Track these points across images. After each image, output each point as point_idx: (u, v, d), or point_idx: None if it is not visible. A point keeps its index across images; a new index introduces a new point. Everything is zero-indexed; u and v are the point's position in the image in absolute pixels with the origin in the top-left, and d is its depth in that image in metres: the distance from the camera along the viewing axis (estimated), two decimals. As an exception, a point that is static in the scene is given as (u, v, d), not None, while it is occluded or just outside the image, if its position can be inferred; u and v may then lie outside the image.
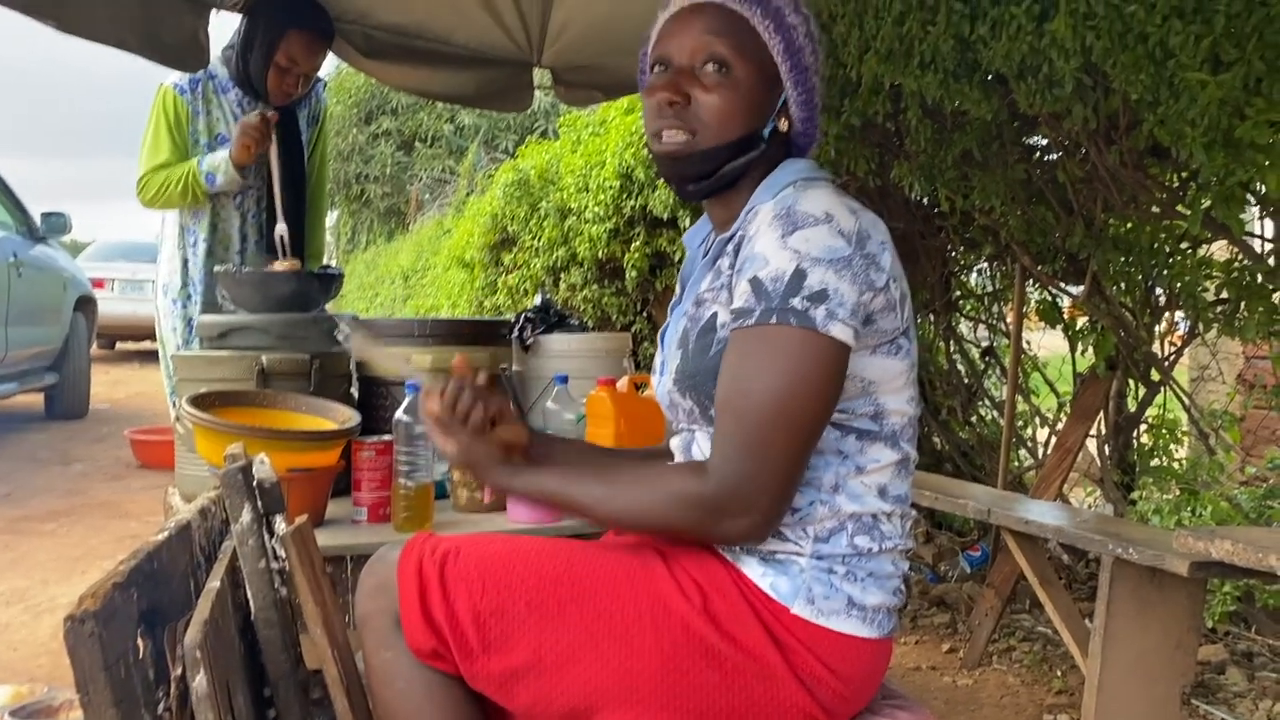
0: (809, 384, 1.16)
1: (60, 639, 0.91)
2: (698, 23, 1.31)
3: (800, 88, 1.33)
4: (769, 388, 1.16)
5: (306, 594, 1.29)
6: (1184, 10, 2.12)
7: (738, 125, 1.30)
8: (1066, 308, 3.63)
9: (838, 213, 1.20)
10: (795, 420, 1.16)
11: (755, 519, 1.18)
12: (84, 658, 0.90)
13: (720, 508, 1.17)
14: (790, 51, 1.31)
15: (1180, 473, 3.37)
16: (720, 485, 1.17)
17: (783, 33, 1.31)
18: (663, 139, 1.32)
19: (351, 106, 16.57)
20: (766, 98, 1.32)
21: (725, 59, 1.29)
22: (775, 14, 1.31)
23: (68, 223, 7.58)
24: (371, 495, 2.05)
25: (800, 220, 1.19)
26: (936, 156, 3.01)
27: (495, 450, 1.35)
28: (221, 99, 2.94)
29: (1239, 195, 2.31)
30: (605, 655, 1.21)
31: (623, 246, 5.06)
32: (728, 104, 1.29)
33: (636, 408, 2.24)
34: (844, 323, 1.16)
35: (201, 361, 2.31)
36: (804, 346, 1.15)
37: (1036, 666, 3.00)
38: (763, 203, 1.28)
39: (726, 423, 1.18)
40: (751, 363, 1.17)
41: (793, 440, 1.16)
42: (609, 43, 3.51)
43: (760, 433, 1.16)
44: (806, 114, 1.35)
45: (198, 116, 2.92)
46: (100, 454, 6.53)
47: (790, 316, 1.15)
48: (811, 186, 1.26)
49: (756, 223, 1.24)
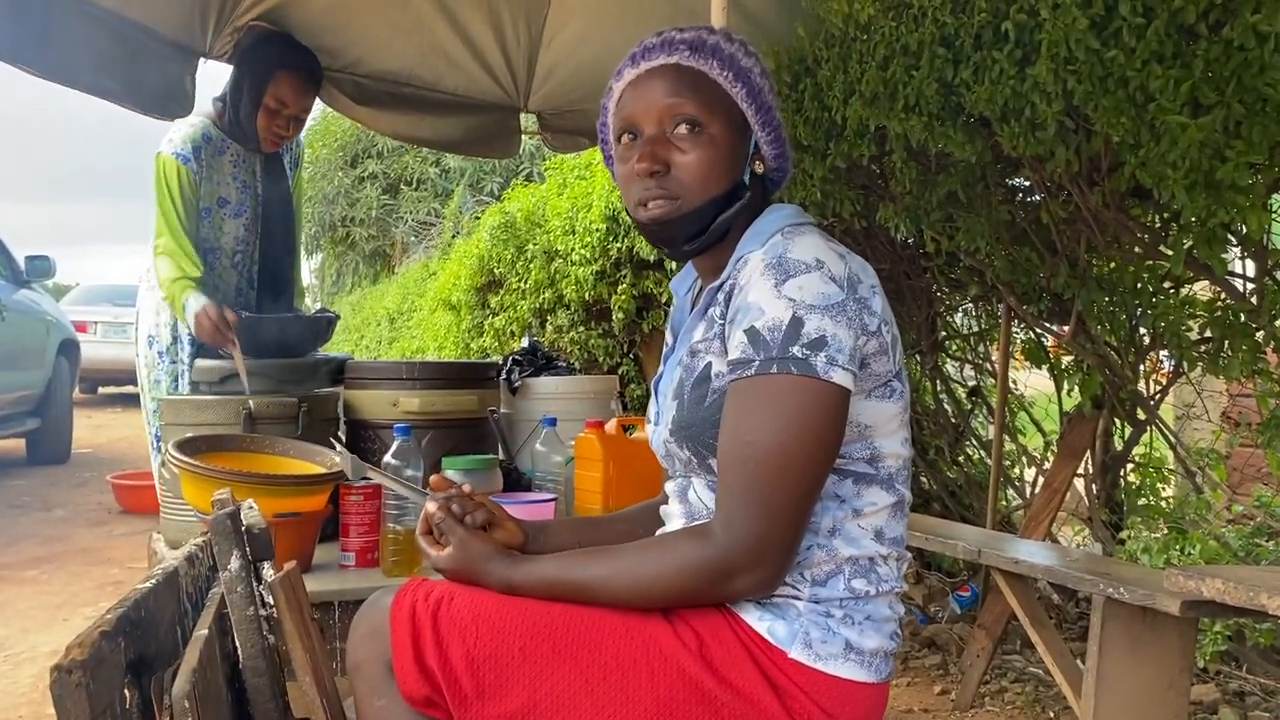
0: (813, 432, 1.15)
1: (42, 688, 0.89)
2: (659, 86, 1.31)
3: (768, 128, 1.34)
4: (774, 439, 1.15)
5: (295, 641, 1.28)
6: (1163, 55, 2.15)
7: (720, 180, 1.31)
8: (1051, 346, 3.64)
9: (828, 259, 1.21)
10: (801, 470, 1.16)
11: (765, 573, 1.17)
12: (70, 709, 0.88)
13: (730, 568, 1.16)
14: (752, 94, 1.32)
15: (1168, 511, 3.37)
16: (729, 545, 1.16)
17: (742, 79, 1.32)
18: (649, 208, 1.32)
19: (337, 150, 16.62)
20: (740, 146, 1.33)
21: (695, 118, 1.29)
22: (730, 61, 1.32)
23: (52, 267, 7.56)
24: (360, 540, 2.04)
25: (792, 268, 1.19)
26: (921, 198, 3.03)
27: (492, 547, 1.32)
28: (219, 160, 2.95)
29: (1220, 236, 2.33)
30: (601, 701, 1.20)
31: (609, 289, 5.07)
32: (707, 162, 1.29)
33: (625, 449, 2.24)
34: (844, 368, 1.16)
35: (188, 406, 2.30)
36: (806, 395, 1.15)
37: (1029, 708, 2.98)
38: (751, 251, 1.28)
39: (732, 477, 1.18)
40: (754, 414, 1.17)
41: (798, 490, 1.16)
42: (595, 87, 3.53)
43: (767, 486, 1.15)
44: (777, 150, 1.36)
45: (201, 184, 2.92)
46: (82, 499, 6.47)
47: (791, 365, 1.15)
48: (799, 233, 1.26)
49: (747, 272, 1.24)
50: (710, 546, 1.17)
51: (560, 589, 1.25)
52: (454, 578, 1.31)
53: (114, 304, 12.24)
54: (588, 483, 2.25)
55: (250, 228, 3.02)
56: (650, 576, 1.20)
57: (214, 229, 2.96)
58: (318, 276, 19.13)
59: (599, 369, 5.33)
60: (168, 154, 2.86)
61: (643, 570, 1.21)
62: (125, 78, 2.62)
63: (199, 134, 2.88)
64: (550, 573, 1.27)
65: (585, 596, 1.24)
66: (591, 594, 1.23)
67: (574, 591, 1.24)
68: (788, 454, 1.15)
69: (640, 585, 1.21)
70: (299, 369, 2.59)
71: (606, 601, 1.24)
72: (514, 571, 1.29)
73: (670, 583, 1.19)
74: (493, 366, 2.77)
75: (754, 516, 1.15)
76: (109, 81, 2.57)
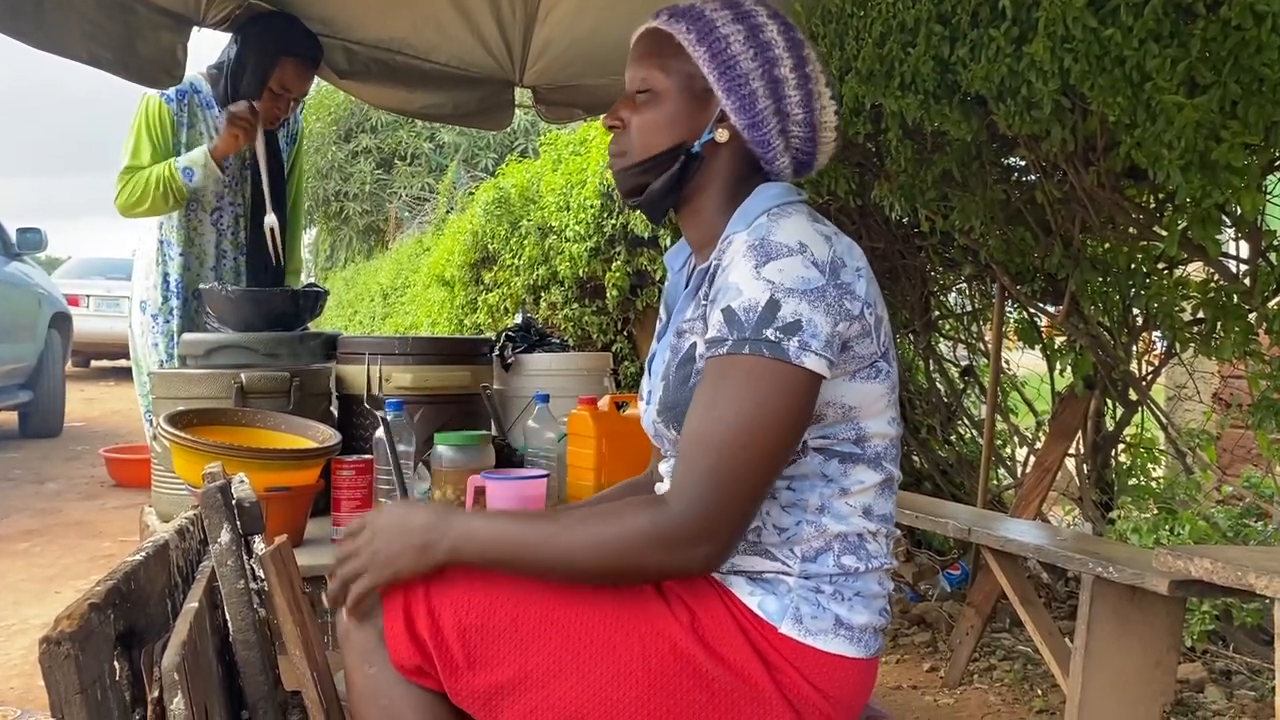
0: (777, 415, 1.15)
1: (33, 661, 0.89)
2: (637, 49, 1.39)
3: (734, 95, 1.31)
4: (737, 418, 1.15)
5: (285, 615, 1.28)
6: (1161, 34, 2.14)
7: (661, 138, 1.34)
8: (1044, 326, 3.65)
9: (811, 242, 1.20)
10: (760, 451, 1.15)
11: (711, 549, 1.16)
12: (59, 680, 0.88)
13: (677, 538, 1.15)
14: (718, 61, 1.31)
15: (1158, 491, 3.39)
16: (679, 517, 1.15)
17: (708, 43, 1.31)
18: (610, 161, 1.41)
19: (331, 124, 16.54)
20: (694, 110, 1.34)
21: (648, 80, 1.36)
22: (702, 27, 1.32)
23: (43, 239, 7.53)
24: (351, 514, 2.04)
25: (774, 251, 1.19)
26: (917, 177, 3.02)
27: (407, 504, 1.29)
28: (206, 114, 2.94)
29: (1215, 216, 2.33)
30: (591, 674, 1.20)
31: (604, 265, 5.06)
32: (650, 120, 1.35)
33: (618, 426, 2.24)
34: (817, 354, 1.16)
35: (180, 379, 2.29)
36: (775, 378, 1.15)
37: (1017, 685, 3.00)
38: (737, 232, 1.28)
39: (691, 452, 1.17)
40: (720, 392, 1.17)
41: (755, 471, 1.16)
42: (590, 61, 3.52)
43: (724, 464, 1.15)
44: (749, 120, 1.32)
45: (182, 128, 2.91)
46: (75, 472, 6.47)
47: (763, 347, 1.15)
48: (785, 215, 1.26)
49: (730, 252, 1.25)
50: (662, 515, 1.15)
51: (502, 547, 1.20)
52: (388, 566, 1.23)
53: (106, 277, 12.21)
54: (580, 459, 2.25)
55: (234, 188, 2.99)
56: (594, 536, 1.17)
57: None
58: (311, 251, 19.07)
59: (592, 346, 5.32)
60: (152, 94, 2.89)
61: (588, 530, 1.18)
62: (117, 46, 2.60)
63: (188, 83, 2.89)
64: (491, 526, 1.23)
65: (528, 554, 1.19)
66: (534, 550, 1.19)
67: (517, 550, 1.20)
68: (750, 434, 1.15)
69: (585, 544, 1.17)
70: (288, 343, 2.57)
71: (548, 562, 1.19)
72: (449, 525, 1.23)
73: (614, 546, 1.16)
74: (486, 342, 2.76)
75: (708, 492, 1.14)
76: (101, 50, 2.55)
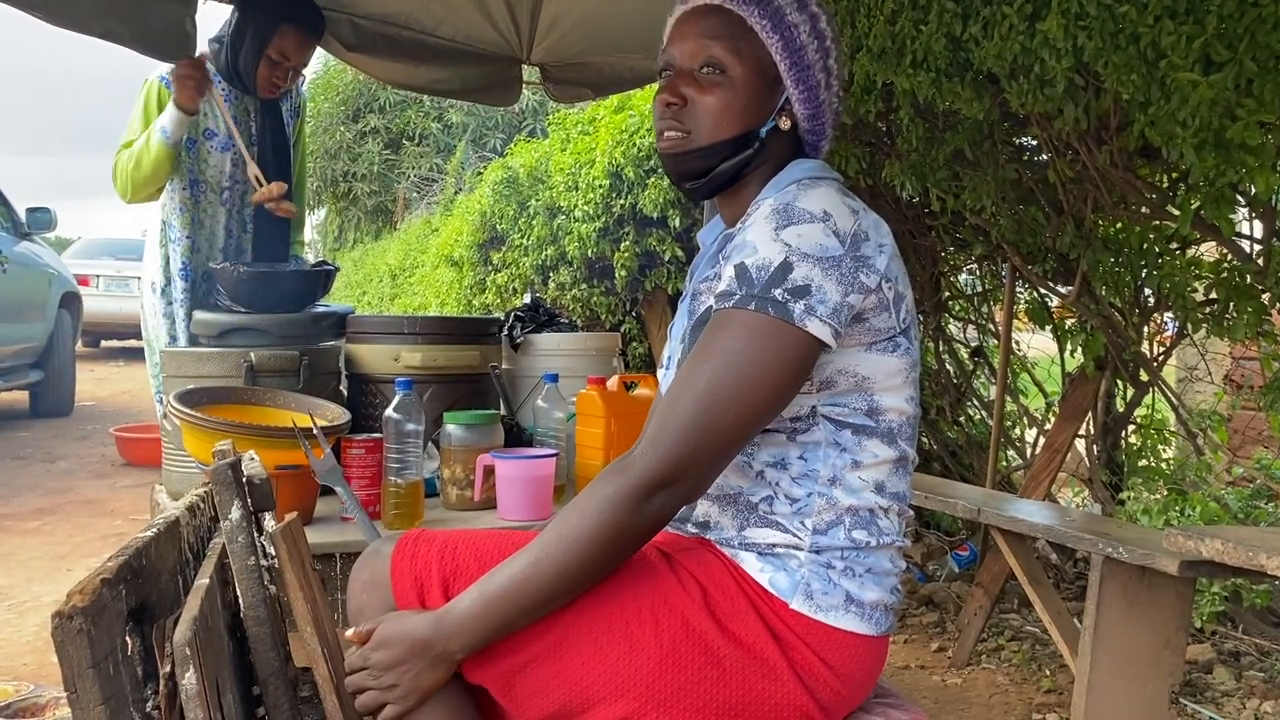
0: (768, 373, 1.15)
1: (45, 637, 0.90)
2: (697, 26, 1.34)
3: (802, 86, 1.33)
4: (728, 369, 1.15)
5: (296, 591, 1.28)
6: (1176, 11, 2.12)
7: (732, 124, 1.32)
8: (1055, 307, 3.64)
9: (836, 212, 1.20)
10: (742, 404, 1.15)
11: (683, 487, 1.15)
12: (72, 655, 0.88)
13: (649, 487, 1.14)
14: (790, 50, 1.32)
15: (1168, 473, 3.38)
16: (649, 464, 1.14)
17: (781, 31, 1.31)
18: (664, 138, 1.35)
19: (339, 104, 16.49)
20: (764, 97, 1.33)
21: (719, 61, 1.32)
22: (774, 13, 1.31)
23: (53, 219, 7.53)
24: (361, 493, 2.04)
25: (796, 216, 1.19)
26: (928, 156, 3.01)
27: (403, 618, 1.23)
28: (209, 92, 2.92)
29: (1229, 196, 2.32)
30: (604, 649, 1.20)
31: (612, 246, 5.05)
32: (721, 104, 1.31)
33: (627, 406, 2.24)
34: (822, 320, 1.16)
35: (190, 358, 2.29)
36: (775, 337, 1.16)
37: (1025, 665, 3.00)
38: (766, 198, 1.28)
39: (676, 395, 1.17)
40: (716, 342, 1.18)
41: (735, 424, 1.16)
42: (599, 39, 3.49)
43: (706, 411, 1.15)
44: (811, 110, 1.35)
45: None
46: (85, 451, 6.50)
47: (769, 306, 1.16)
48: (816, 186, 1.26)
49: (756, 216, 1.25)
50: (627, 472, 1.15)
51: (502, 599, 1.17)
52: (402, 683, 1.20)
53: (116, 258, 12.22)
54: (589, 439, 2.25)
55: (240, 165, 2.99)
56: (574, 528, 1.16)
57: (198, 161, 2.93)
58: (319, 232, 19.07)
59: (601, 326, 5.32)
60: (153, 78, 2.88)
61: (567, 527, 1.17)
62: (130, 20, 2.59)
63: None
64: (482, 590, 1.18)
65: (529, 589, 1.17)
66: (534, 583, 1.17)
67: (515, 592, 1.17)
68: (737, 387, 1.15)
69: (572, 539, 1.16)
70: (300, 322, 2.58)
71: (551, 582, 1.16)
72: (445, 618, 1.19)
73: (596, 523, 1.15)
74: (495, 322, 2.76)
75: (683, 436, 1.14)
76: (115, 24, 2.54)
